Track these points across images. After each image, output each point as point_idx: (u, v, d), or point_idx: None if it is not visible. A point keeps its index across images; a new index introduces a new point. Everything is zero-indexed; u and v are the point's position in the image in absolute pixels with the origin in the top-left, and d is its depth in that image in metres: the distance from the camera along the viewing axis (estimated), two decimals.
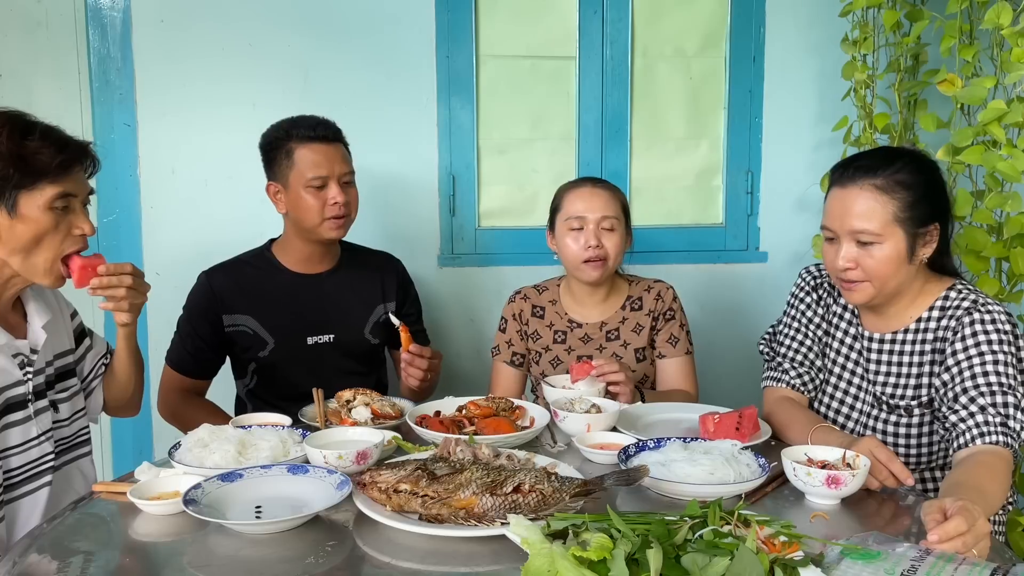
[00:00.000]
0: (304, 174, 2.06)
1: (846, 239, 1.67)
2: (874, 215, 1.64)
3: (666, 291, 2.22)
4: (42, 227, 1.53)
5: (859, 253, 1.66)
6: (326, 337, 2.18)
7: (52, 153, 1.53)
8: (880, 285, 1.68)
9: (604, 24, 2.79)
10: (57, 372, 1.70)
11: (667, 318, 2.20)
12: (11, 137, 1.50)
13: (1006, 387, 1.58)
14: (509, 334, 2.28)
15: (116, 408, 1.88)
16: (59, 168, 1.53)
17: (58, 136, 1.57)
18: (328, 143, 2.10)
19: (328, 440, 1.57)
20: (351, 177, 2.15)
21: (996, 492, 1.46)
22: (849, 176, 1.68)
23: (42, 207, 1.52)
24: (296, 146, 2.08)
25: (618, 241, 2.13)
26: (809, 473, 1.39)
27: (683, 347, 2.20)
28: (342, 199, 2.08)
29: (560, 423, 1.74)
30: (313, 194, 2.07)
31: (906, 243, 1.65)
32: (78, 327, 1.81)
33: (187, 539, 1.29)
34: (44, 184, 1.52)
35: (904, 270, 1.67)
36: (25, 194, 1.51)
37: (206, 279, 2.16)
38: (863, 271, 1.67)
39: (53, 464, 1.64)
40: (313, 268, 2.20)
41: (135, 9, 2.54)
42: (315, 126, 2.09)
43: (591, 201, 2.13)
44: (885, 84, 2.70)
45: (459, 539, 1.25)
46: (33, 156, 1.51)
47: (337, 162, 2.09)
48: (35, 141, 1.52)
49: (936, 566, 1.08)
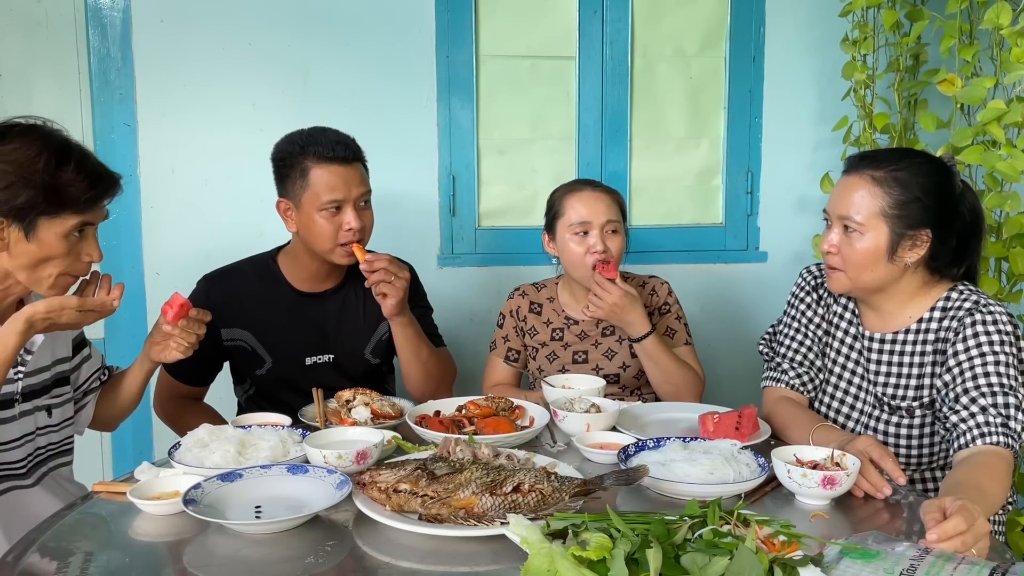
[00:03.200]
0: (319, 196, 1.94)
1: (836, 223, 1.71)
2: (863, 204, 1.65)
3: (660, 286, 2.23)
4: (55, 251, 1.53)
5: (842, 239, 1.69)
6: (325, 357, 2.11)
7: (84, 188, 1.52)
8: (854, 276, 1.69)
9: (604, 24, 2.80)
10: (55, 377, 1.70)
11: (662, 312, 2.21)
12: (47, 166, 1.48)
13: (1007, 388, 1.58)
14: (506, 330, 2.28)
15: (103, 425, 1.88)
16: (87, 202, 1.54)
17: (92, 168, 1.56)
18: (347, 164, 1.96)
19: (328, 440, 1.57)
20: (367, 198, 2.03)
21: (996, 492, 1.46)
22: (855, 165, 1.71)
23: (59, 235, 1.52)
24: (312, 165, 1.95)
25: (621, 243, 2.14)
26: (805, 475, 1.39)
27: (681, 338, 2.20)
28: (357, 225, 1.96)
29: (560, 423, 1.74)
30: (327, 218, 1.95)
31: (888, 240, 1.65)
32: (78, 336, 1.79)
33: (187, 539, 1.29)
34: (68, 214, 1.52)
35: (881, 268, 1.67)
36: (46, 220, 1.51)
37: (206, 288, 2.09)
38: (841, 258, 1.70)
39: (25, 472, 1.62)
40: (317, 286, 2.11)
41: (135, 9, 2.54)
42: (334, 145, 1.95)
43: (595, 205, 2.11)
44: (885, 84, 2.71)
45: (459, 539, 1.25)
46: (65, 188, 1.50)
47: (355, 185, 1.96)
48: (69, 173, 1.51)
49: (935, 565, 1.08)
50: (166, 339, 1.71)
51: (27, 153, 1.48)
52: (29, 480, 1.63)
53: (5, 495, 1.60)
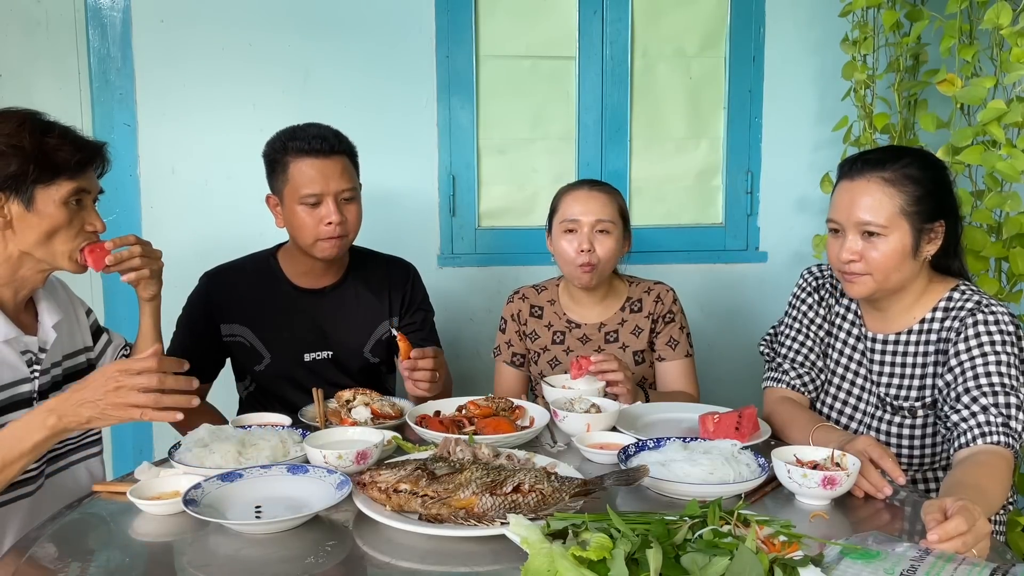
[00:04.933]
0: (298, 190, 1.96)
1: (852, 231, 1.68)
2: (881, 207, 1.65)
3: (666, 293, 2.21)
4: (57, 221, 1.56)
5: (864, 246, 1.67)
6: (324, 354, 2.11)
7: (71, 151, 1.57)
8: (882, 279, 1.68)
9: (604, 24, 2.80)
10: (65, 373, 1.70)
11: (666, 321, 2.19)
12: (32, 134, 1.53)
13: (1008, 388, 1.58)
14: (508, 335, 2.27)
15: None
16: (77, 165, 1.57)
17: (75, 136, 1.61)
18: (324, 157, 1.96)
19: (328, 440, 1.57)
20: (352, 193, 2.01)
21: (996, 492, 1.46)
22: (858, 169, 1.69)
23: (58, 202, 1.56)
24: (292, 159, 1.97)
25: (612, 245, 2.11)
26: (805, 475, 1.39)
27: (683, 350, 2.19)
28: (336, 219, 1.96)
29: (560, 423, 1.74)
30: (307, 212, 1.97)
31: (911, 237, 1.66)
32: (94, 324, 1.83)
33: (187, 539, 1.29)
34: (61, 180, 1.56)
35: (907, 265, 1.68)
36: (42, 189, 1.54)
37: (206, 284, 2.11)
38: (866, 264, 1.68)
39: (45, 469, 1.63)
40: (315, 282, 2.12)
41: (135, 9, 2.54)
42: (312, 139, 1.96)
43: (587, 204, 2.11)
44: (885, 84, 2.70)
45: (459, 539, 1.25)
46: (53, 152, 1.54)
47: (334, 178, 1.97)
48: (55, 138, 1.56)
49: (936, 566, 1.08)
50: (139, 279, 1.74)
51: (10, 125, 1.53)
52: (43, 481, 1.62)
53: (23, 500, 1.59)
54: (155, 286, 1.80)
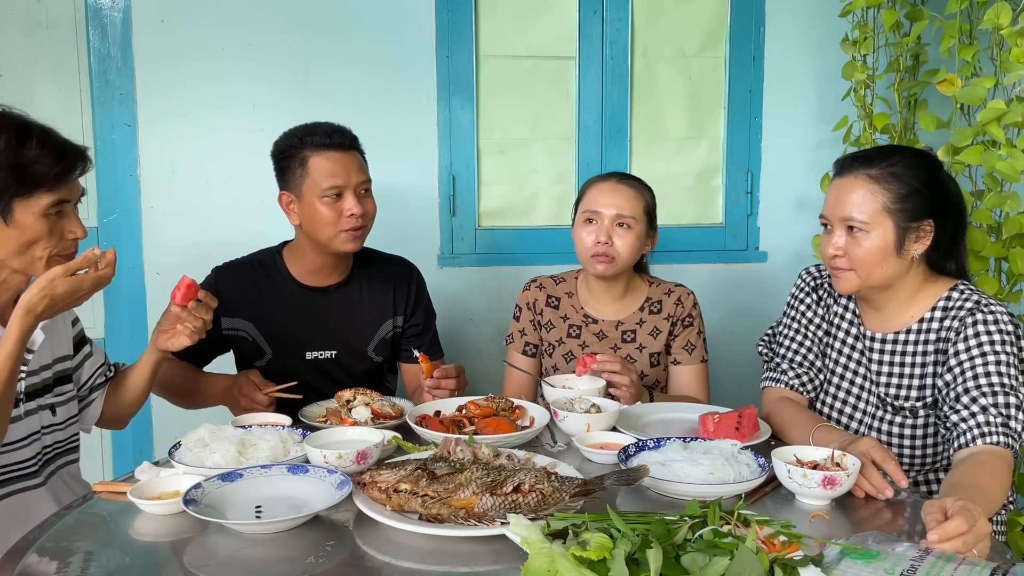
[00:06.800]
0: (319, 184, 1.98)
1: (838, 227, 1.71)
2: (864, 203, 1.67)
3: (687, 296, 2.18)
4: (36, 233, 1.53)
5: (848, 241, 1.70)
6: (327, 353, 2.12)
7: (50, 163, 1.51)
8: (865, 275, 1.70)
9: (604, 24, 2.80)
10: (56, 376, 1.69)
11: (685, 324, 2.17)
12: (8, 145, 1.48)
13: (1008, 388, 1.58)
14: (523, 323, 2.23)
15: (112, 422, 1.87)
16: (56, 177, 1.52)
17: (55, 143, 1.55)
18: (344, 151, 2.01)
19: (328, 440, 1.57)
20: (368, 186, 2.06)
21: (996, 492, 1.46)
22: (847, 167, 1.72)
23: (37, 214, 1.51)
24: (311, 154, 1.99)
25: (632, 241, 2.08)
26: (805, 475, 1.39)
27: (699, 355, 2.17)
28: (359, 210, 2.00)
29: (560, 423, 1.74)
30: (328, 205, 1.99)
31: (895, 235, 1.66)
32: (78, 334, 1.79)
33: (187, 539, 1.29)
34: (41, 192, 1.51)
35: (891, 262, 1.68)
36: (20, 202, 1.50)
37: (214, 278, 2.12)
38: (849, 259, 1.70)
39: (36, 470, 1.63)
40: (321, 280, 2.13)
41: (135, 9, 2.54)
42: (331, 133, 2.00)
43: (611, 197, 2.09)
44: (885, 84, 2.71)
45: (459, 539, 1.25)
46: (32, 165, 1.49)
47: (354, 171, 2.01)
48: (33, 149, 1.50)
49: (936, 566, 1.08)
50: (174, 325, 1.71)
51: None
52: (39, 479, 1.63)
53: (14, 496, 1.60)
54: (183, 346, 1.72)
